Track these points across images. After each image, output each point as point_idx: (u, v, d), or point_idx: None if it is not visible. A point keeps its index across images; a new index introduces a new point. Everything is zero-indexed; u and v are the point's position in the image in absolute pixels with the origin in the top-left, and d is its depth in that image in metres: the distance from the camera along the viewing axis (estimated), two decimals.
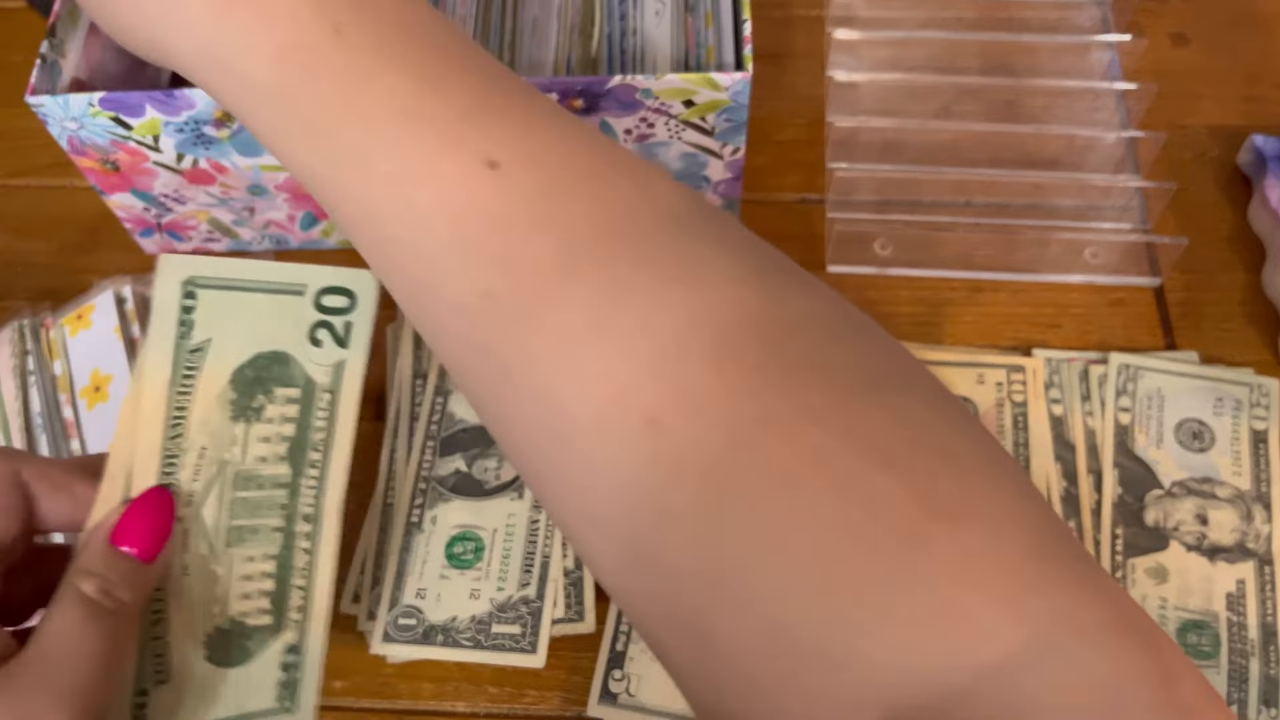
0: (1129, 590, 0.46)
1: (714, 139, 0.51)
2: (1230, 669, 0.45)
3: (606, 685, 0.45)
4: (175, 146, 0.51)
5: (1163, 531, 0.48)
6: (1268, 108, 0.63)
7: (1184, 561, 0.47)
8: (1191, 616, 0.46)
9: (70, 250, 0.60)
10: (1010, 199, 0.59)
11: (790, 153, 0.62)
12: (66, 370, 0.52)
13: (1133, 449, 0.50)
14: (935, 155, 0.59)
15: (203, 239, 0.58)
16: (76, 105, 0.49)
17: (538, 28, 0.56)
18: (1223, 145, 0.61)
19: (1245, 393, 0.52)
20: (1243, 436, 0.51)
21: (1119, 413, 0.51)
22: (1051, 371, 0.52)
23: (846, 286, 0.57)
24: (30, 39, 0.67)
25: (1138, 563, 0.47)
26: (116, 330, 0.52)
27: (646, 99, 0.49)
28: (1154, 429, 0.50)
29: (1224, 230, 0.58)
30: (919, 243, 0.57)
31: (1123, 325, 0.55)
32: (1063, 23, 0.65)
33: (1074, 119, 0.61)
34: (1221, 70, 0.64)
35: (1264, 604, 0.46)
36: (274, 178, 0.53)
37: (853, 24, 0.65)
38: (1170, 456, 0.50)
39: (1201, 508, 0.48)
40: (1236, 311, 0.56)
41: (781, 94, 0.64)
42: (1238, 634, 0.46)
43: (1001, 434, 0.50)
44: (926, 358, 0.53)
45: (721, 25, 0.55)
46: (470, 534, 0.49)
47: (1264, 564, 0.47)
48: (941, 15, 0.66)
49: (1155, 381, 0.51)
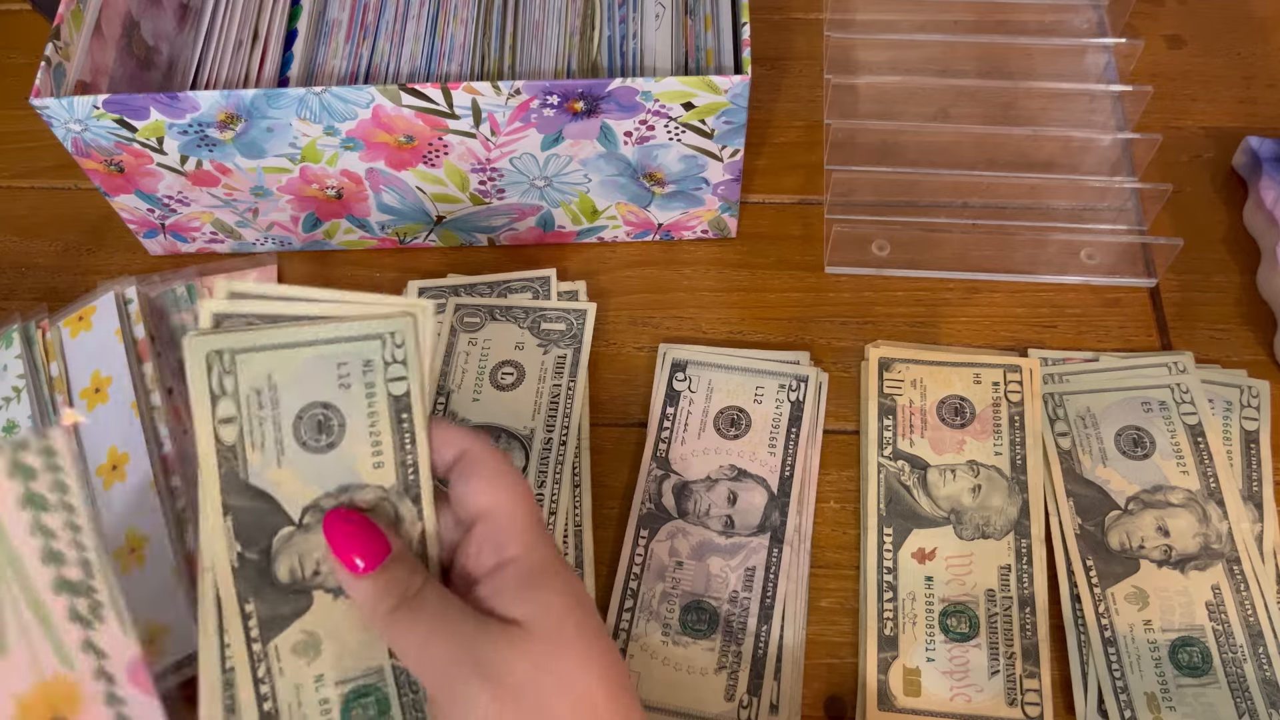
0: (1114, 621, 0.46)
1: (713, 141, 0.52)
2: (1229, 680, 0.45)
3: None
4: (179, 148, 0.51)
5: (1129, 553, 0.48)
6: (1263, 109, 0.63)
7: (1158, 579, 0.47)
8: (1178, 635, 0.46)
9: (74, 251, 0.60)
10: (1007, 200, 0.59)
11: (789, 155, 0.62)
12: (64, 371, 0.52)
13: (1080, 473, 0.50)
14: (933, 157, 0.60)
15: (206, 240, 0.59)
16: (81, 107, 0.49)
17: (538, 31, 0.57)
18: (1218, 147, 0.62)
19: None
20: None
21: (1058, 439, 0.51)
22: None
23: (845, 287, 0.57)
24: (34, 41, 0.68)
25: (1115, 591, 0.47)
26: (118, 332, 0.52)
27: (647, 102, 0.49)
28: (1095, 448, 0.51)
29: (1219, 231, 0.59)
30: (917, 243, 0.57)
31: (1118, 326, 0.56)
32: (1059, 25, 0.66)
33: (1070, 121, 0.61)
34: (1217, 72, 0.65)
35: (1242, 605, 0.47)
36: (277, 179, 0.54)
37: (851, 27, 0.66)
38: (1118, 473, 0.50)
39: (1160, 519, 0.49)
40: (1232, 312, 0.56)
41: (780, 97, 0.65)
42: (1226, 643, 0.46)
43: (998, 433, 0.51)
44: (924, 358, 0.53)
45: (721, 29, 0.56)
46: None
47: (1232, 564, 0.47)
48: (939, 19, 0.66)
49: (1083, 401, 0.52)
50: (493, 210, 0.56)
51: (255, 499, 0.35)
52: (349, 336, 0.35)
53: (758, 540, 0.49)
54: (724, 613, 0.47)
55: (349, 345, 0.35)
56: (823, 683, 0.47)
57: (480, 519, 0.36)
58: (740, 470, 0.51)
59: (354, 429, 0.35)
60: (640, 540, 0.49)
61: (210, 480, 0.34)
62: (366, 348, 0.35)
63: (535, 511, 0.36)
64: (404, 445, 0.36)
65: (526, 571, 0.35)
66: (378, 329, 0.35)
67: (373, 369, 0.36)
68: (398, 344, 0.36)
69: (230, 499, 0.34)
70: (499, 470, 0.36)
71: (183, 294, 0.56)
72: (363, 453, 0.36)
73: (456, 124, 0.50)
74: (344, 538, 0.35)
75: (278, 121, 0.50)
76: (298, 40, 0.57)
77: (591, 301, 0.56)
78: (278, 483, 0.35)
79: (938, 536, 0.49)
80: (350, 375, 0.35)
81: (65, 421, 0.51)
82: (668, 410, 0.52)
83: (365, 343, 0.35)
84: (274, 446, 0.35)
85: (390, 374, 0.36)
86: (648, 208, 0.57)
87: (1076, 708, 0.45)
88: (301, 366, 0.35)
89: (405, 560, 0.35)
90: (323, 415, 0.35)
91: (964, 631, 0.47)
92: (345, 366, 0.35)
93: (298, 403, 0.35)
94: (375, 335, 0.35)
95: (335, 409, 0.35)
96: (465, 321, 0.55)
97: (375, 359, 0.36)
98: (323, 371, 0.35)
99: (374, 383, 0.36)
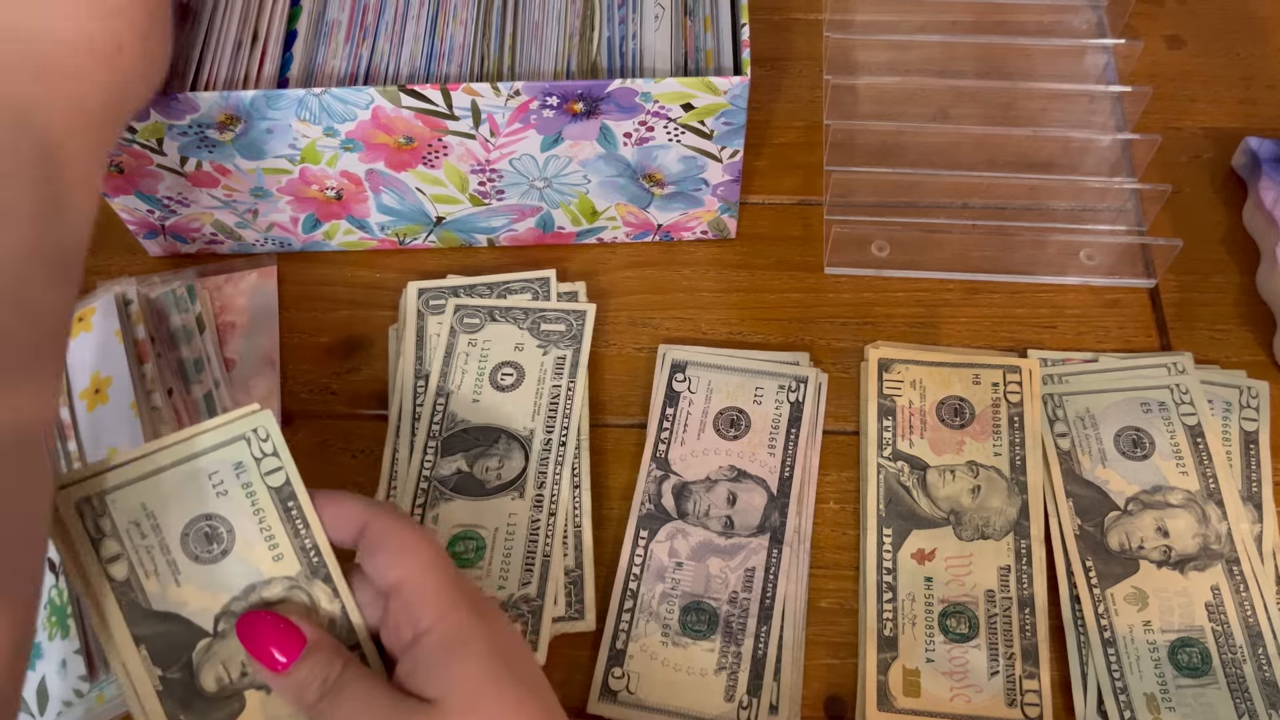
0: (1114, 621, 0.46)
1: (713, 142, 0.52)
2: (1228, 680, 0.45)
3: (606, 683, 0.46)
4: (178, 149, 0.52)
5: (1129, 554, 0.48)
6: (1262, 110, 0.63)
7: (1157, 580, 0.47)
8: (1178, 635, 0.46)
9: None
10: (1007, 201, 0.59)
11: (789, 155, 0.62)
12: (64, 372, 0.52)
13: (1080, 474, 0.50)
14: (932, 158, 0.60)
15: (206, 241, 0.59)
16: None
17: (538, 32, 0.57)
18: (1217, 147, 0.62)
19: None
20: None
21: (1058, 439, 0.51)
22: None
23: (844, 288, 0.57)
24: None
25: (1114, 592, 0.47)
26: (118, 333, 0.52)
27: (646, 103, 0.49)
28: (1094, 448, 0.51)
29: (1219, 232, 0.59)
30: (916, 244, 0.57)
31: (1118, 326, 0.56)
32: (1058, 26, 0.66)
33: (1070, 121, 0.61)
34: (1216, 73, 0.65)
35: (1241, 606, 0.47)
36: (276, 180, 0.54)
37: (851, 28, 0.66)
38: (1117, 474, 0.50)
39: (1160, 520, 0.49)
40: (1231, 313, 0.56)
41: (780, 97, 0.65)
42: (1225, 643, 0.46)
43: (997, 434, 0.51)
44: (923, 358, 0.53)
45: (720, 29, 0.56)
46: (471, 533, 0.49)
47: (1231, 565, 0.47)
48: (938, 19, 0.66)
49: (1083, 402, 0.52)
50: (492, 211, 0.56)
51: (164, 623, 0.35)
52: (211, 446, 0.36)
53: (757, 541, 0.49)
54: (724, 613, 0.47)
55: (214, 455, 0.36)
56: (823, 683, 0.47)
57: (392, 594, 0.35)
58: (740, 471, 0.51)
59: (243, 531, 0.36)
60: (640, 541, 0.49)
61: (114, 619, 0.35)
62: (232, 451, 0.36)
63: (447, 575, 0.36)
64: (298, 532, 0.36)
65: (439, 644, 0.34)
66: (238, 430, 0.36)
67: (245, 469, 0.36)
68: (263, 438, 0.36)
69: (139, 630, 0.35)
70: (403, 543, 0.36)
71: (183, 295, 0.56)
72: (259, 551, 0.36)
73: (456, 125, 0.50)
74: (258, 638, 0.35)
75: (277, 123, 0.50)
76: (297, 41, 0.57)
77: (591, 302, 0.56)
78: (182, 601, 0.36)
79: (937, 537, 0.49)
80: (224, 481, 0.36)
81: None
82: (667, 411, 0.52)
83: (229, 447, 0.36)
84: (167, 569, 0.36)
85: (264, 467, 0.36)
86: (647, 209, 0.57)
87: (1076, 708, 0.45)
88: (171, 488, 0.36)
89: (323, 647, 0.35)
90: (208, 527, 0.36)
91: (963, 632, 0.47)
92: (217, 474, 0.36)
93: (179, 522, 0.36)
94: (238, 437, 0.36)
95: (219, 517, 0.36)
96: (465, 322, 0.55)
97: (244, 458, 0.36)
98: (195, 486, 0.36)
99: (250, 481, 0.36)
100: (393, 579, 0.35)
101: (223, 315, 0.57)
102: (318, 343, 0.56)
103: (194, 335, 0.55)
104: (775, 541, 0.49)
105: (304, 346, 0.56)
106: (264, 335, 0.56)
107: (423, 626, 0.35)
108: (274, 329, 0.56)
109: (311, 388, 0.55)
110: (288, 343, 0.56)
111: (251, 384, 0.55)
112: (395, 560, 0.35)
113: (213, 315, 0.56)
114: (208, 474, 0.36)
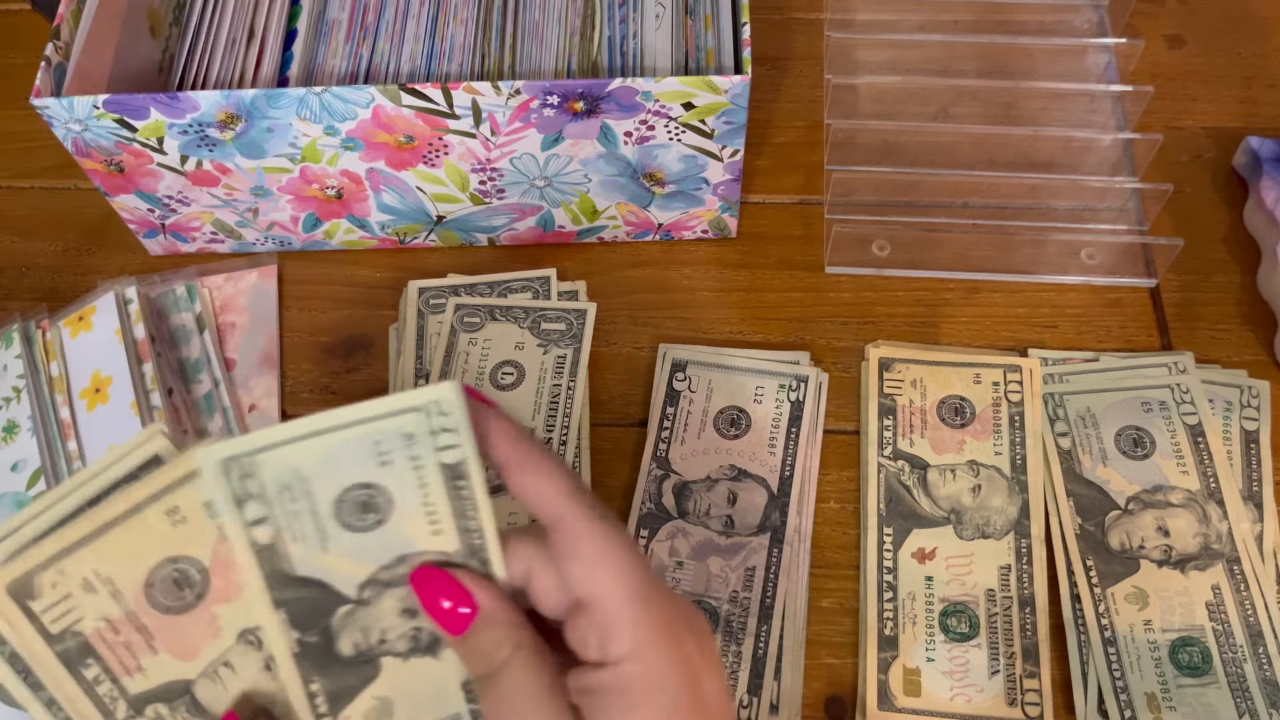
0: (1114, 621, 0.46)
1: (713, 141, 0.52)
2: (1229, 680, 0.45)
3: None
4: (179, 148, 0.52)
5: (1129, 553, 0.48)
6: (1263, 109, 0.63)
7: (1158, 579, 0.47)
8: (1179, 635, 0.46)
9: (74, 251, 0.60)
10: (1007, 200, 0.59)
11: (789, 155, 0.62)
12: (64, 371, 0.52)
13: (1080, 473, 0.50)
14: (933, 157, 0.60)
15: (206, 240, 0.59)
16: (81, 107, 0.49)
17: (538, 31, 0.57)
18: (1218, 147, 0.62)
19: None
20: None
21: (1058, 439, 0.51)
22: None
23: (845, 287, 0.57)
24: (34, 41, 0.68)
25: (1115, 591, 0.47)
26: (118, 332, 0.52)
27: (647, 102, 0.49)
28: (1095, 448, 0.51)
29: (1220, 231, 0.59)
30: (917, 244, 0.57)
31: (1119, 326, 0.56)
32: (1059, 25, 0.66)
33: (1071, 121, 0.61)
34: (1217, 72, 0.65)
35: (1242, 605, 0.47)
36: (277, 179, 0.54)
37: (851, 27, 0.66)
38: (1118, 473, 0.50)
39: (1160, 519, 0.49)
40: (1232, 312, 0.56)
41: (780, 97, 0.65)
42: (1226, 643, 0.46)
43: (998, 433, 0.51)
44: (923, 358, 0.53)
45: (721, 29, 0.56)
46: None
47: (1232, 564, 0.47)
48: (939, 19, 0.66)
49: (1083, 401, 0.52)
50: (493, 210, 0.56)
51: (306, 588, 0.34)
52: (378, 414, 0.33)
53: (758, 540, 0.49)
54: (724, 612, 0.47)
55: (381, 423, 0.33)
56: (823, 683, 0.47)
57: (582, 607, 0.32)
58: (740, 470, 0.51)
59: (403, 503, 0.34)
60: (640, 540, 0.49)
61: (254, 582, 0.34)
62: (402, 422, 0.33)
63: (648, 605, 0.32)
64: (464, 514, 0.34)
65: (624, 688, 0.31)
66: (414, 401, 0.33)
67: (415, 441, 0.33)
68: (444, 412, 0.33)
69: (279, 594, 0.34)
70: (602, 556, 0.32)
71: (183, 294, 0.56)
72: (417, 524, 0.34)
73: (456, 124, 0.50)
74: (433, 594, 0.33)
75: (278, 121, 0.50)
76: (297, 40, 0.57)
77: (591, 301, 0.56)
78: (328, 569, 0.34)
79: (938, 536, 0.49)
80: (391, 451, 0.34)
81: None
82: (668, 410, 0.52)
83: (399, 418, 0.33)
84: (316, 535, 0.34)
85: (440, 442, 0.33)
86: (648, 208, 0.57)
87: (1076, 708, 0.45)
88: (329, 453, 0.33)
89: (495, 625, 0.33)
90: (366, 496, 0.34)
91: (964, 631, 0.47)
92: (382, 444, 0.33)
93: (333, 489, 0.34)
94: (413, 408, 0.33)
95: (378, 487, 0.34)
96: (465, 321, 0.55)
97: (417, 431, 0.33)
98: (356, 453, 0.33)
99: (418, 454, 0.34)
100: (584, 595, 0.32)
101: (223, 315, 0.57)
102: (318, 342, 0.56)
103: (194, 335, 0.55)
104: (775, 541, 0.49)
105: (304, 346, 0.56)
106: (264, 335, 0.56)
107: (612, 657, 0.32)
108: (274, 328, 0.56)
109: (311, 387, 0.55)
110: (288, 342, 0.56)
111: (251, 383, 0.55)
112: (590, 575, 0.32)
113: (213, 315, 0.56)
114: (373, 441, 0.33)
